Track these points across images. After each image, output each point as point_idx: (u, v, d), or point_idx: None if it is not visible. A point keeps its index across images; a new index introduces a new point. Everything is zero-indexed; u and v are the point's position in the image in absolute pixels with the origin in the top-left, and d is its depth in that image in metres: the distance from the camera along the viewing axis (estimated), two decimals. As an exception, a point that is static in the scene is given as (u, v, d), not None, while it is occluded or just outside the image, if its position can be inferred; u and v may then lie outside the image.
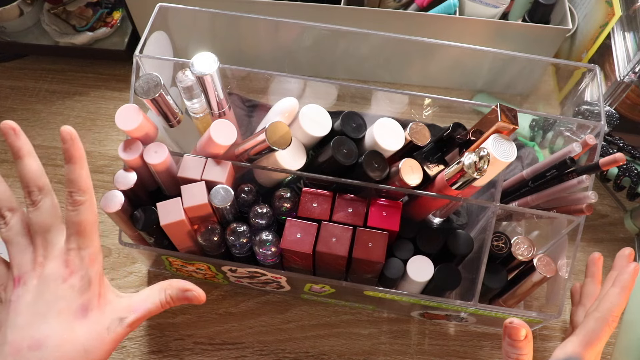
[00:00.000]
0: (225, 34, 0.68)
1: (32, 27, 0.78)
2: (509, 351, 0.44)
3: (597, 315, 0.48)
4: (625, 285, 0.49)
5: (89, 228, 0.39)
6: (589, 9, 0.71)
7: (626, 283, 0.49)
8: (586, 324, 0.48)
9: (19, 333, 0.36)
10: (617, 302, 0.48)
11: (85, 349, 0.37)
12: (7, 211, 0.40)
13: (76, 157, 0.38)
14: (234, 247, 0.49)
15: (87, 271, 0.38)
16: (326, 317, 0.60)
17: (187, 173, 0.49)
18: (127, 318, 0.39)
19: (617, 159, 0.47)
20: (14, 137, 0.39)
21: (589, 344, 0.47)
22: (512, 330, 0.43)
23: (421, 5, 0.72)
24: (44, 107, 0.74)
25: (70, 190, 0.38)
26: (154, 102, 0.47)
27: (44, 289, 0.37)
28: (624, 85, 0.63)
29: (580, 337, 0.48)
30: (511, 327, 0.43)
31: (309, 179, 0.50)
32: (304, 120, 0.49)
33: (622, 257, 0.53)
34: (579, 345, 0.47)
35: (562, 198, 0.54)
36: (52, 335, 0.36)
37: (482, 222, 0.53)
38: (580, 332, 0.48)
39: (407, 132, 0.49)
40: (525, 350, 0.44)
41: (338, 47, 0.70)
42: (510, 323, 0.43)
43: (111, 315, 0.39)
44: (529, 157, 0.64)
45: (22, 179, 0.40)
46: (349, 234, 0.48)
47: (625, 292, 0.49)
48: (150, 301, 0.41)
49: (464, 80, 0.76)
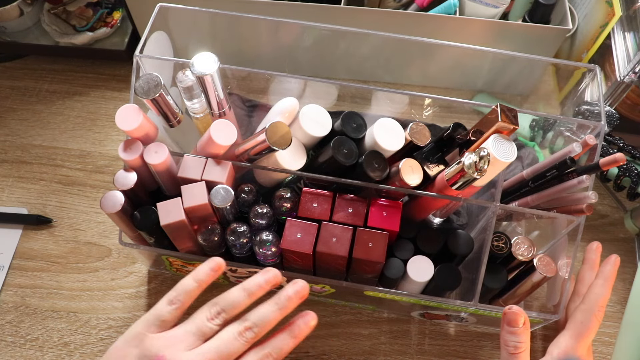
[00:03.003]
0: (225, 34, 0.68)
1: (32, 27, 0.78)
2: (507, 339, 0.45)
3: (584, 307, 0.50)
4: (608, 276, 0.52)
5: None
6: (589, 9, 0.71)
7: (609, 274, 0.52)
8: (575, 318, 0.50)
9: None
10: (601, 293, 0.51)
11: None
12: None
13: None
14: (234, 247, 0.49)
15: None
16: (326, 317, 0.60)
17: (187, 173, 0.49)
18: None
19: (617, 159, 0.47)
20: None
21: (580, 336, 0.49)
22: (511, 317, 0.44)
23: (421, 5, 0.72)
24: (44, 107, 0.74)
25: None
26: (154, 102, 0.47)
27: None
28: (624, 85, 0.63)
29: (571, 330, 0.50)
30: (510, 313, 0.44)
31: (309, 179, 0.50)
32: (304, 120, 0.49)
33: (591, 250, 0.56)
34: (570, 338, 0.49)
35: (562, 198, 0.54)
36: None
37: (482, 222, 0.53)
38: (570, 325, 0.50)
39: (407, 132, 0.49)
40: (523, 338, 0.44)
41: (338, 47, 0.70)
42: (509, 309, 0.44)
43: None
44: (529, 157, 0.64)
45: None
46: (349, 234, 0.48)
47: (608, 282, 0.52)
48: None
49: (464, 80, 0.76)
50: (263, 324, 0.39)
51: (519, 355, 0.45)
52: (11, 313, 0.59)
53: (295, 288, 0.41)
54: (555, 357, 0.48)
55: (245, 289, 0.40)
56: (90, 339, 0.58)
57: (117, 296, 0.60)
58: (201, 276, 0.41)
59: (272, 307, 0.40)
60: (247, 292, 0.40)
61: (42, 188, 0.67)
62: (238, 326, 0.39)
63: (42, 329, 0.58)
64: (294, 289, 0.41)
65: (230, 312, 0.40)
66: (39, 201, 0.66)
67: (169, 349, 0.38)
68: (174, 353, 0.38)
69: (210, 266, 0.42)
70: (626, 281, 0.63)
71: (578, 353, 0.48)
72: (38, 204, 0.66)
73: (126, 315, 0.59)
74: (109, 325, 0.59)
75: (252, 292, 0.40)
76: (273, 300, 0.40)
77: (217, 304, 0.40)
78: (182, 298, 0.41)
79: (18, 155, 0.70)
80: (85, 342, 0.58)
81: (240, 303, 0.40)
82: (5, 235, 0.64)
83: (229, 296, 0.40)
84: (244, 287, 0.40)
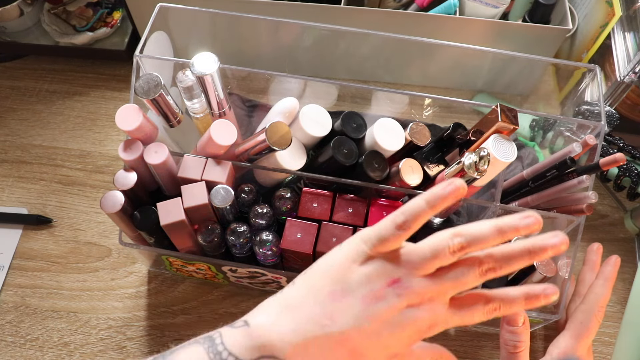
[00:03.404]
0: (225, 34, 0.68)
1: (32, 27, 0.78)
2: (507, 339, 0.45)
3: (584, 307, 0.50)
4: (609, 277, 0.52)
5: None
6: (589, 9, 0.71)
7: (609, 274, 0.52)
8: (575, 318, 0.50)
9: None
10: (601, 293, 0.51)
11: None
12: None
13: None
14: (234, 247, 0.49)
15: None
16: (326, 317, 0.60)
17: (187, 173, 0.49)
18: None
19: (617, 159, 0.47)
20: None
21: (580, 337, 0.49)
22: (510, 316, 0.44)
23: (421, 5, 0.72)
24: (44, 107, 0.74)
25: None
26: (154, 102, 0.47)
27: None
28: (624, 85, 0.63)
29: (571, 331, 0.50)
30: (510, 315, 0.44)
31: (309, 179, 0.50)
32: (304, 120, 0.49)
33: (592, 252, 0.56)
34: (570, 338, 0.49)
35: (562, 198, 0.54)
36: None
37: (482, 222, 0.53)
38: (570, 326, 0.50)
39: (407, 132, 0.49)
40: (523, 337, 0.44)
41: (338, 47, 0.70)
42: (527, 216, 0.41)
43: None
44: (529, 157, 0.64)
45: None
46: (349, 234, 0.48)
47: (608, 283, 0.52)
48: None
49: (464, 80, 0.76)
50: (508, 266, 0.33)
51: (518, 355, 0.45)
52: (11, 313, 0.59)
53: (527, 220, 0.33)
54: (555, 357, 0.48)
55: (498, 227, 0.33)
56: (90, 339, 0.58)
57: (117, 296, 0.60)
58: (436, 200, 0.33)
59: (521, 249, 0.33)
60: (499, 231, 0.33)
61: (42, 188, 0.67)
62: (480, 265, 0.33)
63: (42, 329, 0.58)
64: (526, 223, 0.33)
65: (474, 249, 0.33)
66: (39, 201, 0.66)
67: (404, 271, 0.33)
68: (410, 279, 0.32)
69: (449, 189, 0.33)
70: (626, 281, 0.63)
71: (578, 353, 0.48)
72: (38, 204, 0.66)
73: (126, 315, 0.59)
74: (109, 325, 0.59)
75: (504, 233, 0.33)
76: (523, 243, 0.33)
77: (462, 235, 0.33)
78: (412, 224, 0.33)
79: (18, 155, 0.70)
80: (85, 342, 0.58)
81: (489, 242, 0.33)
82: (5, 235, 0.64)
83: (477, 231, 0.33)
84: (496, 225, 0.33)
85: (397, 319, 0.32)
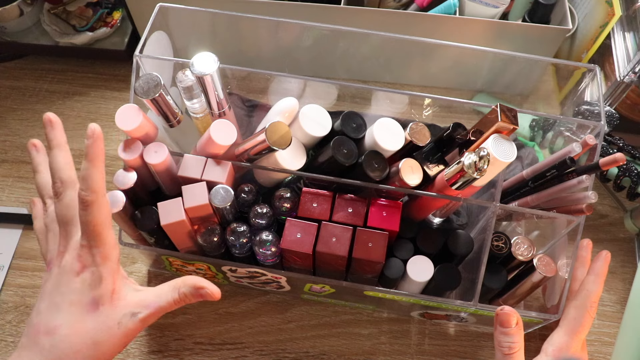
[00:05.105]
0: (225, 34, 0.68)
1: (32, 27, 0.78)
2: (501, 340, 0.45)
3: (576, 303, 0.50)
4: (600, 272, 0.52)
5: (99, 229, 0.39)
6: (589, 9, 0.71)
7: (600, 270, 0.52)
8: (567, 314, 0.50)
9: (39, 317, 0.38)
10: (593, 289, 0.51)
11: (94, 341, 0.38)
12: (48, 198, 0.43)
13: (92, 155, 0.39)
14: (234, 247, 0.49)
15: (98, 268, 0.39)
16: (326, 317, 0.60)
17: (187, 173, 0.49)
18: (140, 314, 0.40)
19: (617, 159, 0.47)
20: (49, 128, 0.41)
21: (573, 333, 0.49)
22: (503, 317, 0.44)
23: (421, 5, 0.72)
24: (44, 107, 0.74)
25: (80, 188, 0.38)
26: (154, 102, 0.47)
27: (60, 279, 0.39)
28: (624, 85, 0.63)
29: (564, 327, 0.50)
30: (502, 314, 0.44)
31: (309, 179, 0.50)
32: (304, 120, 0.49)
33: (582, 248, 0.56)
34: (564, 335, 0.49)
35: (562, 198, 0.54)
36: (63, 325, 0.38)
37: (482, 222, 0.53)
38: (563, 322, 0.50)
39: (407, 132, 0.49)
40: (516, 338, 0.44)
41: (338, 47, 0.70)
42: (500, 310, 0.44)
43: (123, 310, 0.39)
44: (529, 157, 0.64)
45: (50, 170, 0.41)
46: (349, 234, 0.48)
47: (599, 278, 0.52)
48: (164, 298, 0.41)
49: (464, 80, 0.76)
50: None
51: (513, 356, 0.45)
52: (11, 313, 0.59)
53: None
54: (550, 354, 0.48)
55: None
56: (90, 339, 0.58)
57: (117, 296, 0.60)
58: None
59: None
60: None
61: (42, 188, 0.67)
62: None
63: (42, 329, 0.58)
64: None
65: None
66: (39, 201, 0.66)
67: None
68: None
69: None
70: (626, 281, 0.63)
71: (572, 349, 0.48)
72: (38, 204, 0.66)
73: (126, 315, 0.59)
74: (109, 325, 0.58)
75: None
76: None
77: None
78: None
79: (18, 155, 0.70)
80: (85, 342, 0.58)
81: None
82: (5, 235, 0.64)
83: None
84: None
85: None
